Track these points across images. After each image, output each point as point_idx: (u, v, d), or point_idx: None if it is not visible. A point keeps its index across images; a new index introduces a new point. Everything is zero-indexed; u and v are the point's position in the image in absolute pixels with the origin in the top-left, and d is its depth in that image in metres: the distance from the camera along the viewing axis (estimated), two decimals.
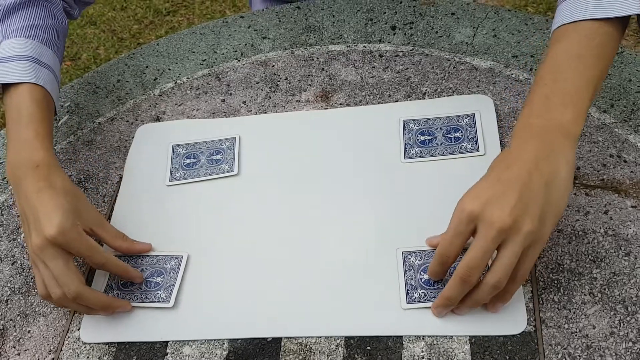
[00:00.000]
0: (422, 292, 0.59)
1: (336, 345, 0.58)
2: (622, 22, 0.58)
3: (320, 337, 0.59)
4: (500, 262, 0.51)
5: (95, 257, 0.62)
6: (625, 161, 0.65)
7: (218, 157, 0.75)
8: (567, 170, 0.52)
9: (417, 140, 0.71)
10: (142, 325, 0.63)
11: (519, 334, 0.56)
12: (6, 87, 0.71)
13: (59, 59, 0.78)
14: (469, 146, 0.69)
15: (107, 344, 0.63)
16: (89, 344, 0.63)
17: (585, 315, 0.56)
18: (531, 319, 0.56)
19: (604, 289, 0.57)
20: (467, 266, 0.52)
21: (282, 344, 0.59)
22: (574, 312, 0.56)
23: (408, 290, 0.60)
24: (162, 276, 0.66)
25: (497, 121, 0.71)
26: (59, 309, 0.67)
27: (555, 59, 0.57)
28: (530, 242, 0.51)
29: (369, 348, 0.58)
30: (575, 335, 0.55)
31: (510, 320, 0.56)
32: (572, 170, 0.53)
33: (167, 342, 0.62)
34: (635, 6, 0.56)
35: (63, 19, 0.80)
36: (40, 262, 0.61)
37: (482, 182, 0.54)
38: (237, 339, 0.61)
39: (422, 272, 0.60)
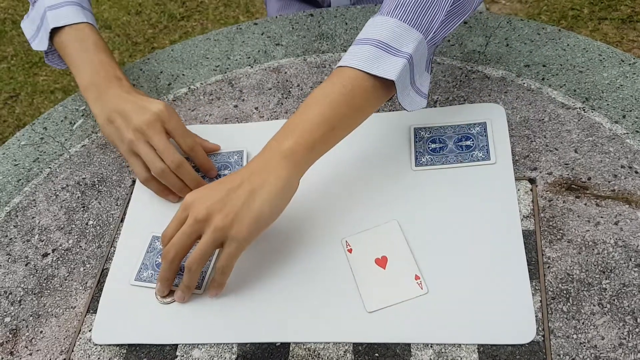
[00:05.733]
0: (429, 158, 0.70)
1: (344, 352, 0.59)
2: (385, 85, 0.63)
3: (328, 342, 0.59)
4: (196, 248, 0.60)
5: (187, 138, 0.72)
6: (636, 172, 0.65)
7: (226, 172, 0.75)
8: (275, 184, 0.60)
9: (428, 148, 0.71)
10: (153, 328, 0.64)
11: (527, 344, 0.56)
12: (58, 28, 0.82)
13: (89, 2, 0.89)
14: (480, 155, 0.69)
15: (117, 345, 0.63)
16: (100, 345, 0.64)
17: (594, 325, 0.56)
18: (540, 328, 0.56)
19: (614, 300, 0.57)
20: (170, 244, 0.62)
21: (291, 348, 0.60)
22: (583, 323, 0.56)
23: (417, 156, 0.70)
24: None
25: (509, 130, 0.71)
26: (71, 309, 0.67)
27: (314, 93, 0.63)
28: (223, 237, 0.60)
29: (376, 355, 0.58)
30: (584, 346, 0.55)
31: (519, 330, 0.56)
32: (283, 185, 0.60)
33: (176, 344, 0.62)
34: (393, 74, 0.61)
35: None
36: (142, 143, 0.71)
37: (211, 184, 0.63)
38: (246, 343, 0.61)
39: (429, 143, 0.71)
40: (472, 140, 0.70)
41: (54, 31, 0.82)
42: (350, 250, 0.65)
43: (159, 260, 0.68)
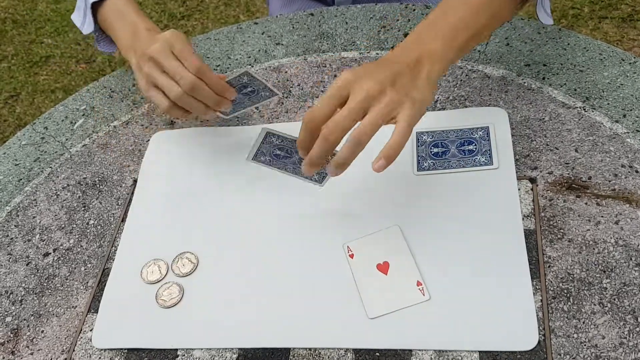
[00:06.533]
0: (431, 162, 0.69)
1: (345, 351, 0.59)
2: None
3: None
4: (366, 119, 0.57)
5: (192, 60, 0.70)
6: (637, 171, 0.65)
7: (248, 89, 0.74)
8: (428, 78, 0.60)
9: (430, 152, 0.70)
10: (153, 332, 0.64)
11: None
12: (99, 6, 0.85)
13: None
14: (483, 159, 0.68)
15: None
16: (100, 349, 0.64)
17: (594, 325, 0.56)
18: (540, 328, 0.56)
19: (614, 299, 0.57)
20: (332, 122, 0.57)
21: (292, 348, 0.60)
22: (584, 322, 0.56)
23: (419, 160, 0.69)
24: (249, 87, 0.72)
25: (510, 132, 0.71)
26: (72, 309, 0.67)
27: None
28: (394, 113, 0.57)
29: (377, 354, 0.58)
30: (585, 345, 0.55)
31: (521, 336, 0.56)
32: (433, 83, 0.61)
33: None
34: None
35: None
36: (157, 72, 0.71)
37: (362, 65, 0.61)
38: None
39: (432, 147, 0.70)
40: (475, 145, 0.70)
41: (97, 11, 0.85)
42: (351, 256, 0.65)
43: None
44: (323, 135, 0.57)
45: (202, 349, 0.61)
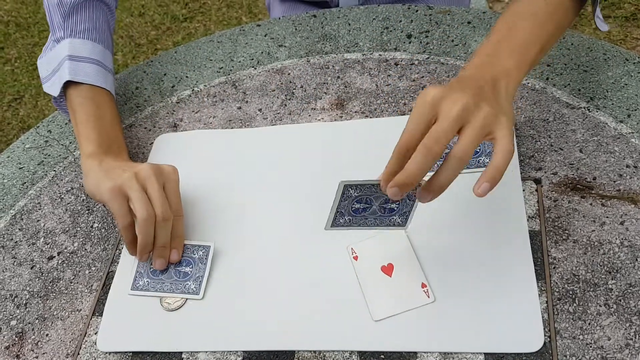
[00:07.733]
0: (348, 219, 0.59)
1: (350, 353, 0.59)
2: (579, 3, 0.68)
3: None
4: (465, 135, 0.52)
5: (179, 205, 0.68)
6: None
7: (187, 269, 0.67)
8: (507, 95, 0.58)
9: None
10: (158, 335, 0.64)
11: None
12: (74, 82, 0.78)
13: (112, 58, 0.86)
14: (487, 160, 0.68)
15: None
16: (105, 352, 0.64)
17: (600, 326, 0.56)
18: (546, 329, 0.56)
19: (620, 300, 0.57)
20: (433, 132, 0.51)
21: (296, 351, 0.60)
22: (589, 323, 0.56)
23: (336, 216, 0.59)
24: (190, 266, 0.67)
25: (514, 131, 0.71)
26: (76, 312, 0.67)
27: (513, 13, 0.65)
28: (490, 126, 0.53)
29: (382, 357, 0.58)
30: (590, 347, 0.55)
31: (527, 338, 0.56)
32: (509, 99, 0.58)
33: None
34: None
35: (114, 16, 0.88)
36: (136, 186, 0.65)
37: (448, 86, 0.55)
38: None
39: (355, 203, 0.58)
40: (479, 146, 0.69)
41: (70, 82, 0.78)
42: (355, 258, 0.65)
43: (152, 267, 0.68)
44: (425, 146, 0.51)
45: (206, 352, 0.61)
